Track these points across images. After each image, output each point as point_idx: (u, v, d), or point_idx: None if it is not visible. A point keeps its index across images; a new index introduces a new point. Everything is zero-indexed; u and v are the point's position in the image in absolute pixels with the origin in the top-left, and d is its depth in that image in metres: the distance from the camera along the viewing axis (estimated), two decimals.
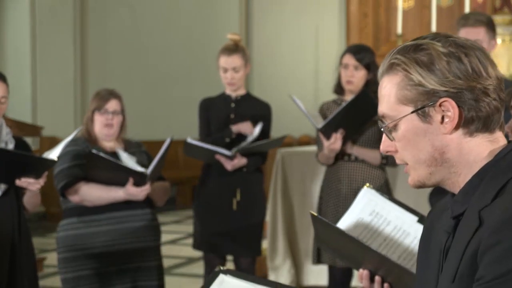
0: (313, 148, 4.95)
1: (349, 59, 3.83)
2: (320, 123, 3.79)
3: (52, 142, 7.04)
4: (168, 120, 9.81)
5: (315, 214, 2.11)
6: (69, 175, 3.41)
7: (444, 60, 1.25)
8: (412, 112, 1.28)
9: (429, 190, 3.65)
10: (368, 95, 3.74)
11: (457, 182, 1.28)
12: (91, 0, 9.98)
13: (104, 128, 3.49)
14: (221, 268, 1.79)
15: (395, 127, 1.31)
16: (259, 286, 1.72)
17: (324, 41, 9.69)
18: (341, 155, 3.83)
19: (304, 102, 3.97)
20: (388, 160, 3.82)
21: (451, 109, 1.25)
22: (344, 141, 3.76)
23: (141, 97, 10.06)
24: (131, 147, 3.63)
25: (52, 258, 6.20)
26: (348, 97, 3.88)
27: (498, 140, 1.28)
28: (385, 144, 1.35)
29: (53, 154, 3.10)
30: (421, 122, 1.28)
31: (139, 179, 3.40)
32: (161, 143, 3.67)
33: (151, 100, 10.04)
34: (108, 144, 3.55)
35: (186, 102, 9.35)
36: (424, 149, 1.28)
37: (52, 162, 3.09)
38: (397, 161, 1.35)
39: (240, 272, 1.80)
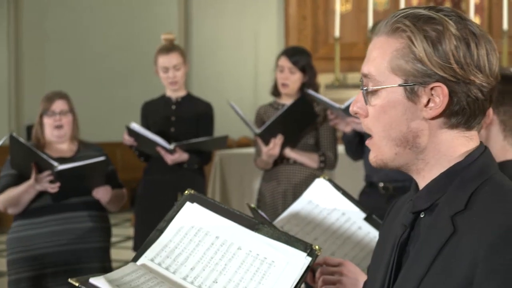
0: (252, 150, 4.98)
1: (285, 62, 3.84)
2: (259, 129, 3.79)
3: None
4: (108, 122, 9.68)
5: (253, 206, 2.09)
6: (2, 183, 3.42)
7: (453, 44, 1.15)
8: (400, 85, 1.19)
9: (359, 190, 3.71)
10: (307, 100, 3.77)
11: (423, 170, 1.22)
12: (26, 0, 9.77)
13: (54, 130, 3.47)
14: (190, 192, 1.70)
15: (375, 92, 1.21)
16: (224, 220, 1.65)
17: (263, 42, 9.74)
18: (280, 159, 3.85)
19: (243, 104, 4.00)
20: (326, 163, 3.86)
21: (441, 96, 1.16)
22: (283, 146, 3.78)
23: (80, 98, 9.87)
24: (87, 149, 3.57)
25: None
26: (284, 100, 3.91)
27: (473, 138, 1.21)
28: (357, 105, 1.25)
29: None
30: (405, 99, 1.19)
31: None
32: (101, 145, 3.64)
33: (91, 102, 9.88)
34: (61, 146, 3.51)
35: (127, 103, 9.25)
36: (397, 127, 1.20)
37: None
38: (363, 127, 1.26)
39: (207, 200, 1.71)
